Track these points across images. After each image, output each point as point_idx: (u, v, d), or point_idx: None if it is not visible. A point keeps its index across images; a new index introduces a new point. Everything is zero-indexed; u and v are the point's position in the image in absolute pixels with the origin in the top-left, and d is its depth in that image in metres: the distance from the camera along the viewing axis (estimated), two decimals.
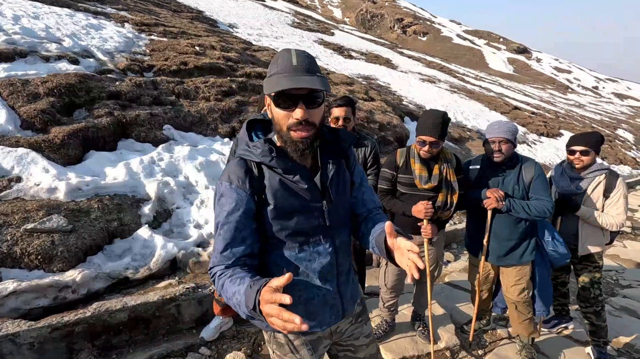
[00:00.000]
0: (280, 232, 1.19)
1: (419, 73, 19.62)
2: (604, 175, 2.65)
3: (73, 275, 2.61)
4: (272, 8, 26.06)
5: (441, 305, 3.29)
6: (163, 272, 3.03)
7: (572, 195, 2.71)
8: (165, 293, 2.64)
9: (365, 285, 3.28)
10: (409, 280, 0.94)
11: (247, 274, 1.06)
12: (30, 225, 2.73)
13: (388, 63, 20.00)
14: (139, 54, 6.32)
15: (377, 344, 1.62)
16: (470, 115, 12.92)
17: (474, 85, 22.28)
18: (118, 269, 2.87)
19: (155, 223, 3.42)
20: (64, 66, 4.76)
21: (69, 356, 2.27)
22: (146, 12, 10.12)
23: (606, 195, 2.63)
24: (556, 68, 68.06)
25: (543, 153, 11.88)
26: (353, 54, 19.50)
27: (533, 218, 2.37)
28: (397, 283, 2.66)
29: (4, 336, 2.07)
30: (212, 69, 6.51)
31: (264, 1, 28.27)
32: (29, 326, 2.16)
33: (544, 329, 3.10)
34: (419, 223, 2.37)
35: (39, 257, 2.64)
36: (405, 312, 3.11)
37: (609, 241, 2.78)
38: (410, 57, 26.82)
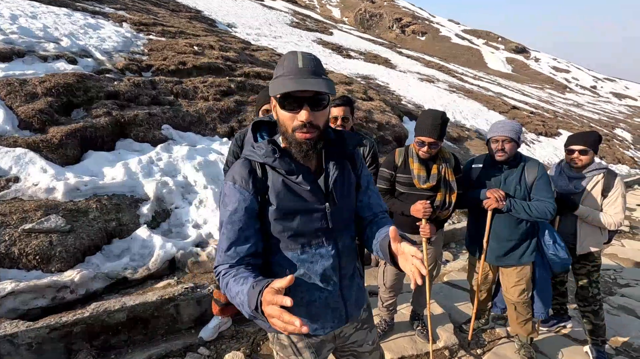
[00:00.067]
0: (282, 233, 1.19)
1: (418, 72, 19.64)
2: (602, 174, 2.65)
3: (71, 275, 2.61)
4: (270, 8, 26.04)
5: (440, 304, 3.30)
6: (162, 272, 3.03)
7: (570, 194, 2.71)
8: (164, 293, 2.63)
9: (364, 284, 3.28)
10: (412, 286, 0.94)
11: (250, 274, 1.06)
12: (28, 225, 2.73)
13: (387, 62, 20.01)
14: (137, 54, 6.30)
15: (382, 351, 1.61)
16: (469, 114, 12.94)
17: (472, 84, 22.31)
18: (116, 269, 2.87)
19: (154, 223, 3.41)
20: (62, 66, 4.75)
21: (68, 357, 2.26)
22: (144, 11, 10.10)
23: (604, 194, 2.63)
24: (554, 68, 68.20)
25: (541, 152, 11.91)
26: (352, 53, 19.50)
27: (534, 219, 2.35)
28: (396, 283, 2.66)
29: (2, 336, 2.06)
30: (210, 69, 6.50)
31: (263, 1, 28.25)
32: (27, 326, 2.15)
33: (543, 328, 3.10)
34: (417, 223, 2.37)
35: (37, 257, 2.64)
36: (404, 311, 3.11)
37: (607, 240, 2.78)
38: (408, 56, 26.83)
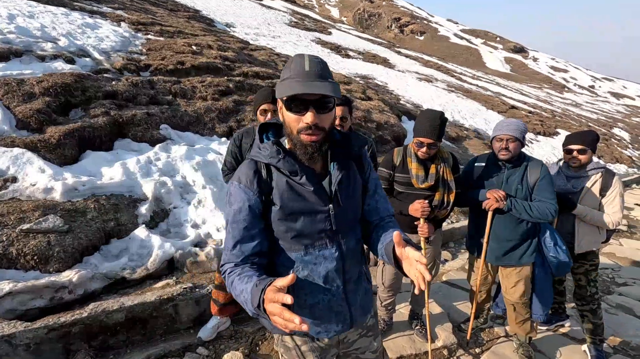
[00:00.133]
0: (286, 233, 1.20)
1: (416, 72, 19.66)
2: (600, 174, 2.65)
3: (69, 275, 2.60)
4: (269, 7, 26.02)
5: (439, 304, 3.30)
6: (160, 272, 3.02)
7: (568, 194, 2.72)
8: (162, 293, 2.63)
9: None
10: (416, 291, 0.94)
11: (255, 273, 1.08)
12: (26, 226, 2.72)
13: (385, 62, 20.02)
14: (135, 53, 6.29)
15: None
16: (468, 114, 12.96)
17: (471, 84, 22.34)
18: (115, 269, 2.86)
19: (152, 223, 3.40)
20: (60, 65, 4.73)
21: (66, 357, 2.26)
22: (142, 11, 10.07)
23: (602, 193, 2.64)
24: (553, 68, 68.36)
25: (540, 152, 11.94)
26: (350, 53, 19.51)
27: (535, 219, 2.33)
28: (395, 282, 2.66)
29: (0, 337, 2.06)
30: (209, 69, 6.49)
31: (262, 0, 28.22)
32: (25, 327, 2.15)
33: (541, 327, 3.11)
34: (415, 222, 2.38)
35: (35, 258, 2.63)
36: (403, 311, 3.11)
37: (605, 239, 2.79)
38: (407, 56, 26.85)
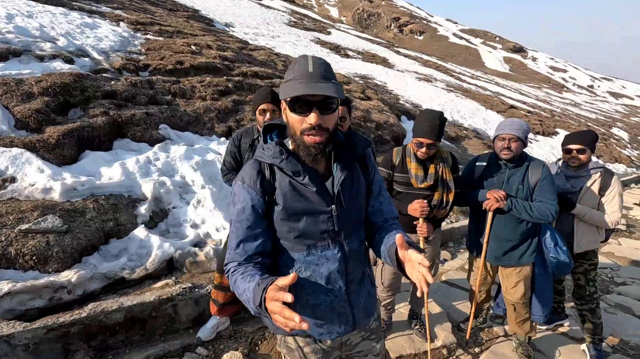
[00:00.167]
0: (288, 234, 1.20)
1: (416, 72, 19.67)
2: (599, 173, 2.66)
3: (68, 275, 2.60)
4: (268, 7, 26.01)
5: (438, 304, 3.30)
6: (159, 272, 3.02)
7: (567, 193, 2.72)
8: (161, 293, 2.63)
9: None
10: (418, 294, 0.94)
11: (257, 272, 1.09)
12: (25, 226, 2.71)
13: (385, 62, 20.04)
14: (134, 53, 6.28)
15: None
16: (467, 114, 12.98)
17: (470, 84, 22.36)
18: (114, 269, 2.86)
19: (152, 223, 3.40)
20: (59, 65, 4.73)
21: (65, 357, 2.25)
22: (141, 11, 10.06)
23: (601, 193, 2.64)
24: (552, 67, 68.45)
25: (539, 151, 11.95)
26: (350, 53, 19.52)
27: (535, 220, 2.32)
28: (394, 282, 2.66)
29: None
30: (208, 68, 6.49)
31: (261, 0, 28.20)
32: (24, 327, 2.14)
33: (540, 326, 3.11)
34: (414, 222, 2.38)
35: (34, 258, 2.62)
36: (402, 311, 3.11)
37: (604, 239, 2.79)
38: (406, 56, 26.87)
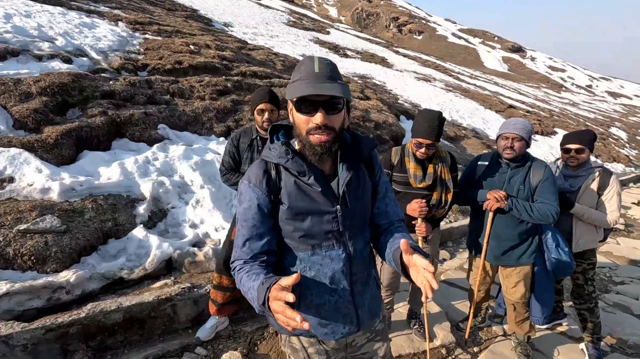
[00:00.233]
0: (293, 233, 1.21)
1: (415, 72, 19.69)
2: (597, 173, 2.66)
3: (67, 275, 2.59)
4: (267, 7, 26.00)
5: (437, 303, 3.30)
6: (158, 272, 3.02)
7: (566, 193, 2.72)
8: (160, 293, 2.62)
9: None
10: (423, 299, 0.94)
11: (262, 271, 1.10)
12: (23, 226, 2.70)
13: (383, 62, 20.05)
14: (133, 53, 6.27)
15: None
16: (466, 113, 12.99)
17: (469, 83, 22.38)
18: (113, 269, 2.85)
19: (150, 223, 3.40)
20: (57, 65, 4.71)
21: (63, 358, 2.25)
22: (140, 10, 10.04)
23: (600, 192, 2.64)
24: (550, 67, 68.56)
25: (537, 151, 11.97)
26: (349, 52, 19.53)
27: (535, 221, 2.31)
28: (393, 281, 2.66)
29: None
30: (207, 68, 6.48)
31: (260, 0, 28.18)
32: (23, 327, 2.14)
33: (539, 326, 3.12)
34: (413, 222, 2.38)
35: (33, 258, 2.62)
36: (401, 310, 3.12)
37: (602, 238, 2.80)
38: (405, 55, 26.89)
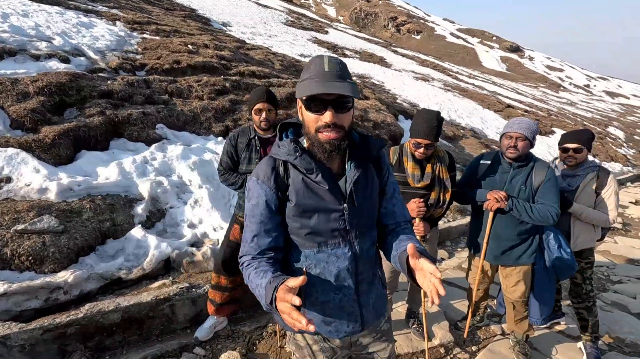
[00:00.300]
0: (300, 230, 1.22)
1: (413, 71, 19.70)
2: (595, 172, 2.66)
3: (65, 276, 2.58)
4: (265, 6, 25.98)
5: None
6: (157, 272, 3.01)
7: (564, 192, 2.73)
8: (158, 293, 2.62)
9: None
10: (429, 304, 0.94)
11: (270, 268, 1.12)
12: (20, 226, 2.70)
13: (382, 61, 20.06)
14: (131, 53, 6.25)
15: None
16: (464, 113, 13.01)
17: (467, 83, 22.41)
18: (111, 269, 2.85)
19: (149, 223, 3.39)
20: (55, 65, 4.70)
21: (62, 358, 2.24)
22: (138, 10, 10.02)
23: (598, 191, 2.65)
24: (548, 67, 68.72)
25: (536, 151, 11.99)
26: (347, 52, 19.53)
27: (535, 222, 2.30)
28: (392, 281, 2.66)
29: None
30: (205, 68, 6.47)
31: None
32: (20, 328, 2.13)
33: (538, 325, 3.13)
34: (411, 221, 2.38)
35: (30, 258, 2.61)
36: (400, 310, 3.12)
37: (600, 237, 2.80)
38: (404, 55, 26.91)
